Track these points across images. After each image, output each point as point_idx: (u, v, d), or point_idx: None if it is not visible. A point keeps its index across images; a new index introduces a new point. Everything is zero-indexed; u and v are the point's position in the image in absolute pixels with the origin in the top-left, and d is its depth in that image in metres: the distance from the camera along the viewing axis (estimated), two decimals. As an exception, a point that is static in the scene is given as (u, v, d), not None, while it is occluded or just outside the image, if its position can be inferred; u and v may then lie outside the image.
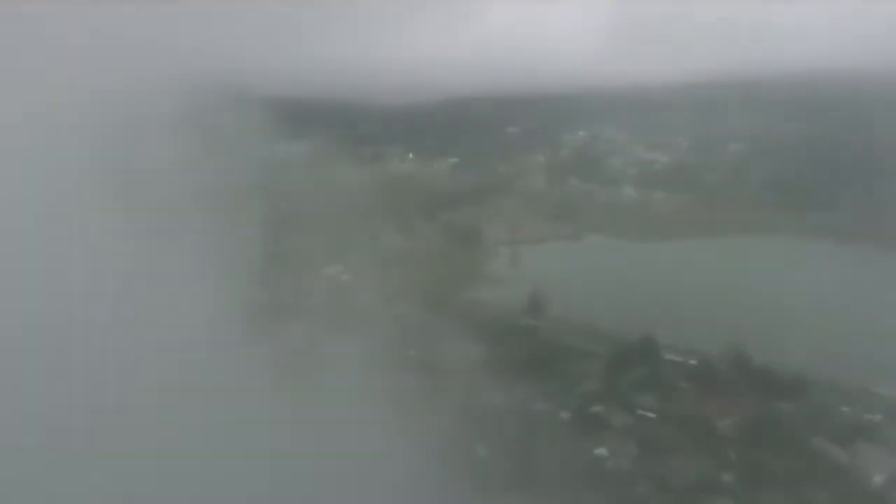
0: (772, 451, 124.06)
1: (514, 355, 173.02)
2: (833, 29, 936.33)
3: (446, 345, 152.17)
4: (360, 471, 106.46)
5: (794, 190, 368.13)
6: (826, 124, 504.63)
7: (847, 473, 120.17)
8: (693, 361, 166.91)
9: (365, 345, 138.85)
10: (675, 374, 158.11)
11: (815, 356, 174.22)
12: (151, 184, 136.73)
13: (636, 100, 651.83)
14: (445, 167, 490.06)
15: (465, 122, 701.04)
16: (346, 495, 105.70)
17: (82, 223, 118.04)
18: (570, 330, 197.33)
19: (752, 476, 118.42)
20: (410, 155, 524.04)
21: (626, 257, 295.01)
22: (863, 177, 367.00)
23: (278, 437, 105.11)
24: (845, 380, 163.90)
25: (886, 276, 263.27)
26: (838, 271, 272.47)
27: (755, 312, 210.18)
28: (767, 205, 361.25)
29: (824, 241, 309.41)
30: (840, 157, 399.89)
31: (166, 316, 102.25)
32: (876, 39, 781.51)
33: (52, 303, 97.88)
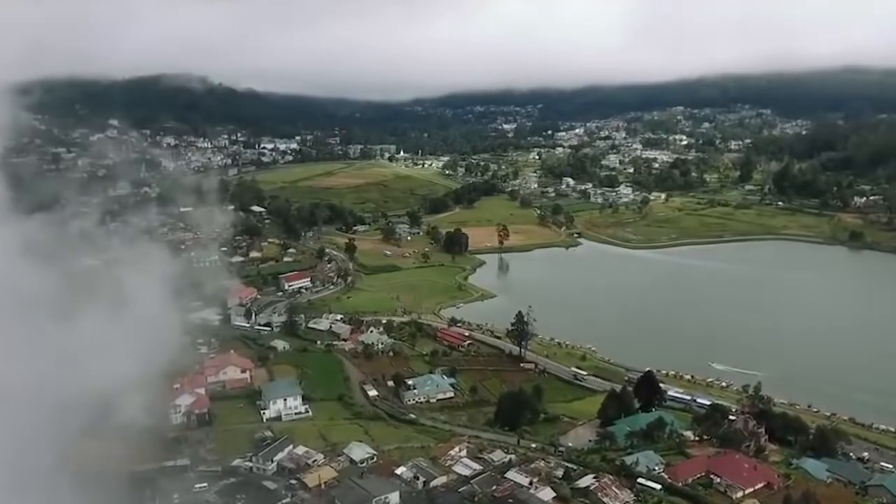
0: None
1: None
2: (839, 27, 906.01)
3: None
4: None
5: (797, 190, 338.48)
6: (829, 122, 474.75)
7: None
8: (704, 401, 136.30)
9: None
10: (682, 422, 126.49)
11: (841, 393, 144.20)
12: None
13: (637, 98, 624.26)
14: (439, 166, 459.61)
15: (463, 120, 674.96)
16: None
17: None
18: (558, 356, 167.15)
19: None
20: (401, 153, 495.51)
21: (624, 265, 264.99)
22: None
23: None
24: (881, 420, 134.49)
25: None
26: (855, 281, 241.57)
27: (766, 330, 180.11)
28: (771, 206, 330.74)
29: (833, 244, 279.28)
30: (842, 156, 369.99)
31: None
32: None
33: None
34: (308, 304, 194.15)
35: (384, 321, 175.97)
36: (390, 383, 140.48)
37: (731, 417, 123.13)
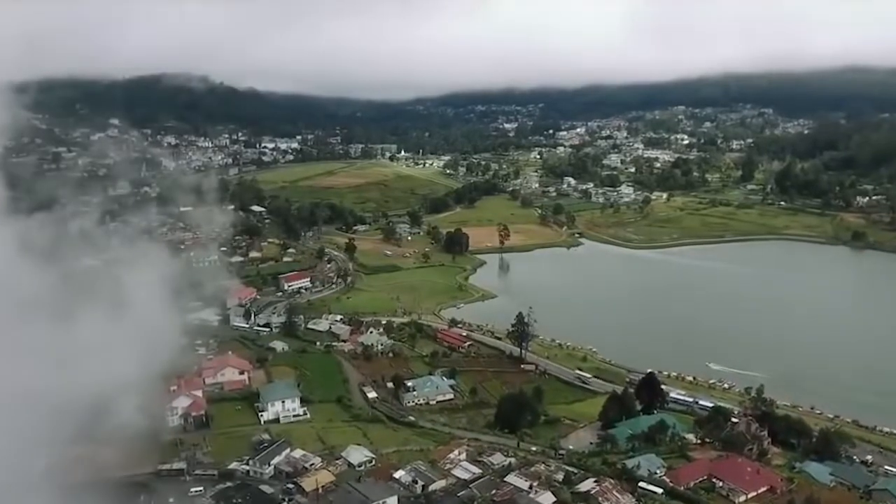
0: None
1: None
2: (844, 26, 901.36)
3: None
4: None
5: (799, 189, 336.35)
6: (832, 121, 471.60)
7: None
8: (706, 403, 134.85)
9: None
10: (684, 425, 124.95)
11: (845, 395, 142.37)
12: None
13: (639, 97, 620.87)
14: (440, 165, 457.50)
15: (464, 119, 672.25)
16: None
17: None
18: (559, 357, 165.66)
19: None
20: (402, 153, 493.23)
21: (625, 265, 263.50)
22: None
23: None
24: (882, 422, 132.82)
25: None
26: (858, 281, 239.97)
27: (768, 331, 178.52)
28: (773, 205, 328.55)
29: (836, 244, 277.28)
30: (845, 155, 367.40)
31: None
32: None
33: None
34: (307, 305, 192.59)
35: (384, 322, 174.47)
36: (390, 385, 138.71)
37: (734, 420, 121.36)
